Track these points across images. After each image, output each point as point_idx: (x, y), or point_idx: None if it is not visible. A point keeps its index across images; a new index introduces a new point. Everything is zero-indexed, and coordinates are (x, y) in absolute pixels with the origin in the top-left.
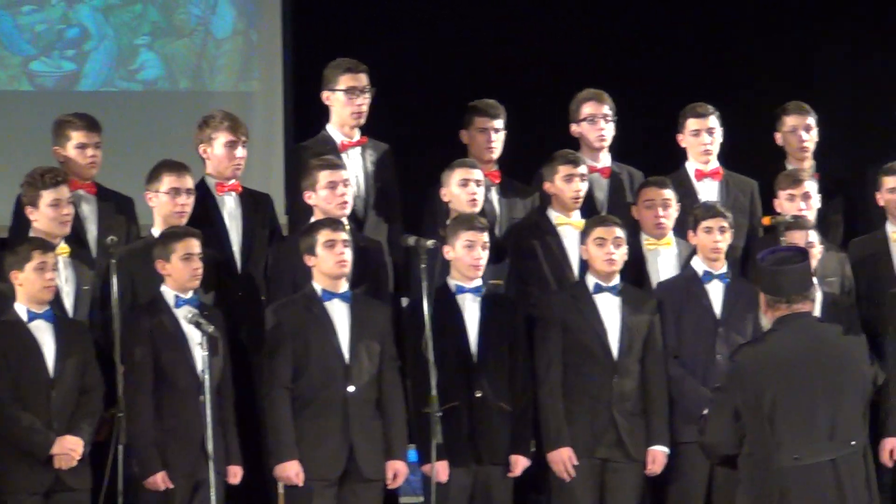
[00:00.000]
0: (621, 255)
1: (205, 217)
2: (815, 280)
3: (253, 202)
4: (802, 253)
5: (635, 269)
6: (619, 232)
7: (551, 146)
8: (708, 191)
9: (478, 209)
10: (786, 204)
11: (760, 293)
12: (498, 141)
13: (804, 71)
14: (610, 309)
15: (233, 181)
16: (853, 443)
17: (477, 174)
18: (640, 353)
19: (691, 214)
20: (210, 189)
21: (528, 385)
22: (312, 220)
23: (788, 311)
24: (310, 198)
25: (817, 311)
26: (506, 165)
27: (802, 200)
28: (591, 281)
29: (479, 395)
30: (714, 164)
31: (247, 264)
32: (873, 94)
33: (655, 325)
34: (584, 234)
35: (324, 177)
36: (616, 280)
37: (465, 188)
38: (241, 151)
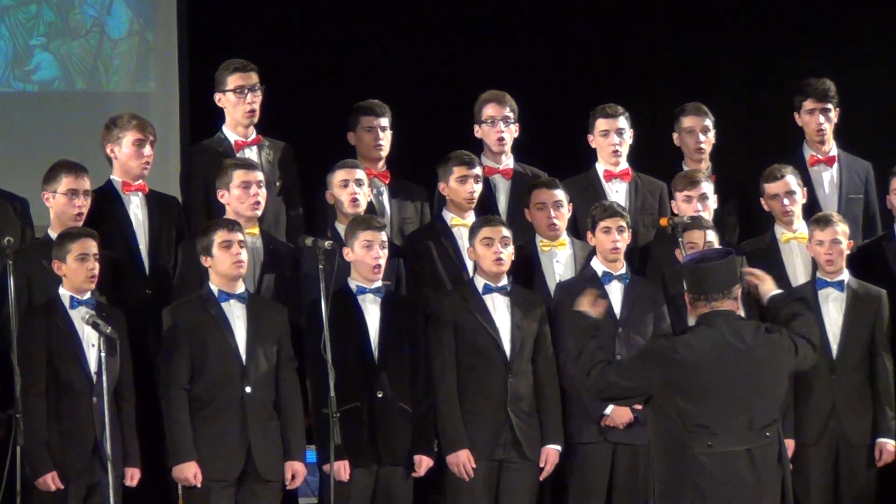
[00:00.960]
0: (508, 254)
1: (111, 217)
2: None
3: (159, 203)
4: (726, 254)
5: (527, 270)
6: (506, 231)
7: (456, 147)
8: (617, 191)
9: (360, 209)
10: (682, 205)
11: (685, 292)
12: (385, 139)
13: (703, 72)
14: (500, 309)
15: (139, 181)
16: (768, 434)
17: (358, 174)
18: (532, 353)
19: (589, 215)
20: (117, 189)
21: (429, 385)
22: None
23: (709, 310)
24: (222, 196)
25: None
26: (395, 165)
27: (699, 201)
28: (479, 281)
29: (380, 395)
30: (623, 164)
31: (155, 264)
32: (770, 97)
33: (544, 325)
34: (472, 235)
35: (238, 176)
36: (504, 280)
37: (346, 189)
38: (148, 150)
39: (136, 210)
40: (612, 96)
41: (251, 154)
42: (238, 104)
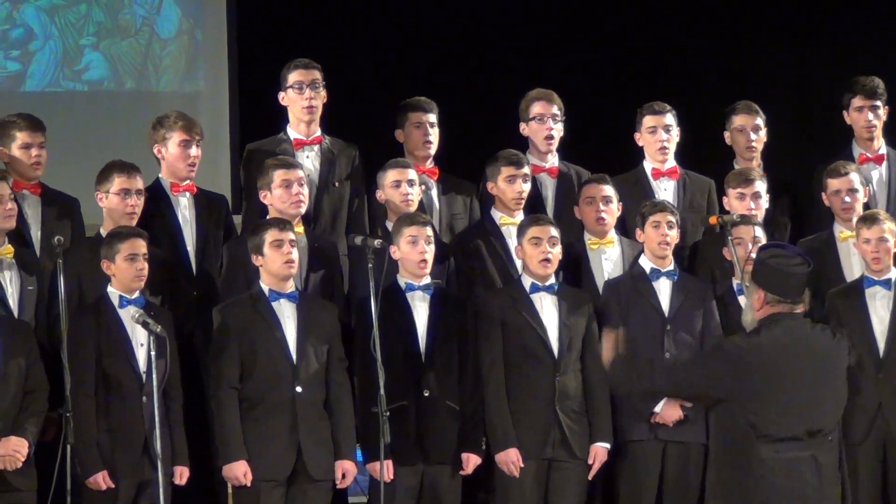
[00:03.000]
0: (556, 254)
1: (160, 218)
2: None
3: (207, 203)
4: (802, 257)
5: (577, 268)
6: (554, 231)
7: (501, 145)
8: (665, 189)
9: (412, 209)
10: (735, 203)
11: (758, 289)
12: (433, 136)
13: (752, 70)
14: (547, 308)
15: (187, 181)
16: (831, 438)
17: (410, 174)
18: (580, 352)
19: (639, 212)
20: (165, 190)
21: (477, 384)
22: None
23: (786, 310)
24: (265, 197)
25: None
26: (444, 162)
27: (752, 200)
28: (527, 280)
29: (427, 393)
30: (671, 162)
31: (202, 264)
32: (819, 95)
33: (593, 323)
34: (520, 234)
35: (278, 176)
36: (552, 279)
37: (398, 189)
38: (195, 150)
39: (184, 210)
40: (660, 95)
41: (311, 153)
42: (297, 100)
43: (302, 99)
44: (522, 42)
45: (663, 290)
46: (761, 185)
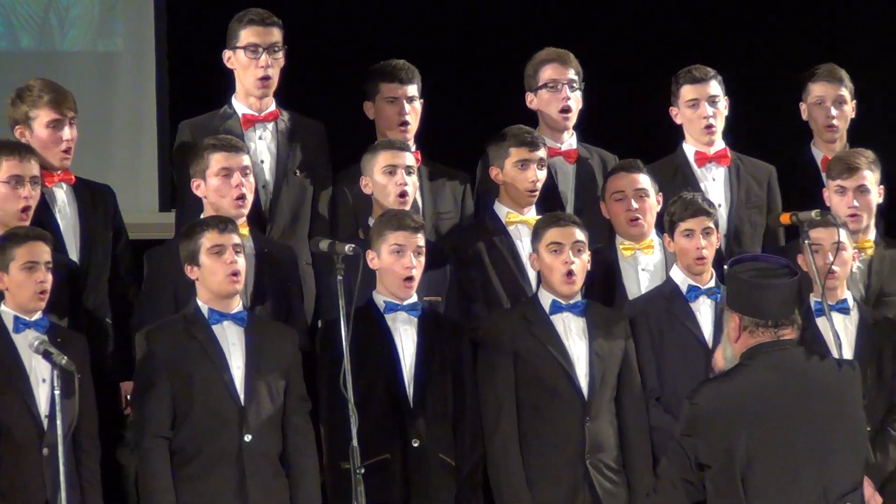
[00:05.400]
0: (582, 264)
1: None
2: (850, 297)
3: (90, 196)
4: (789, 267)
5: (606, 281)
6: (580, 234)
7: (497, 123)
8: (713, 179)
9: (409, 205)
10: (835, 198)
11: (732, 314)
12: (413, 113)
13: (828, 28)
14: (573, 333)
15: (62, 170)
16: (848, 502)
17: (408, 159)
18: (615, 390)
19: (666, 213)
20: None
21: (478, 431)
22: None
23: (772, 338)
24: (198, 188)
25: (851, 337)
26: (428, 145)
27: (856, 195)
28: (545, 298)
29: (416, 444)
30: (720, 143)
31: (91, 275)
32: None
33: (630, 353)
34: (535, 238)
35: (216, 161)
36: (578, 296)
37: (393, 177)
38: (68, 132)
39: (63, 207)
40: (702, 58)
41: (265, 133)
42: (249, 67)
43: (256, 66)
44: None
45: (704, 312)
46: (870, 176)
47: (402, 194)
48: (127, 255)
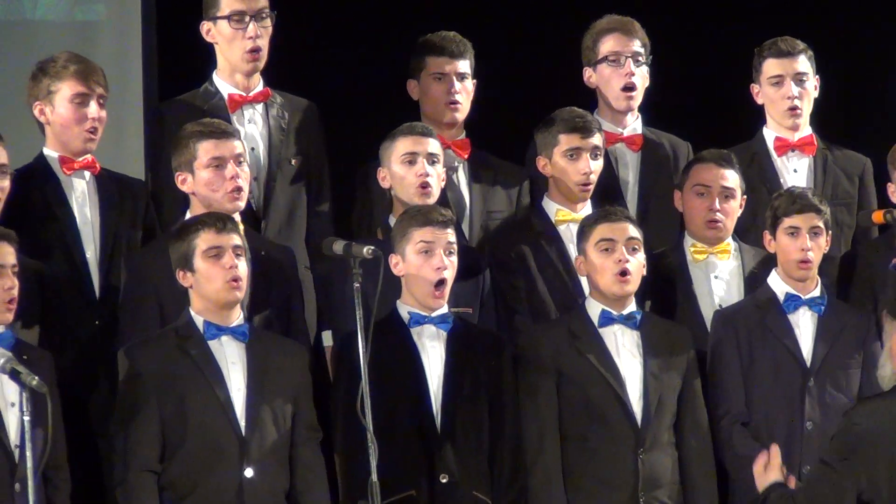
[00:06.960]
0: (637, 266)
1: (44, 210)
2: None
3: (117, 189)
4: None
5: (672, 289)
6: (633, 231)
7: (548, 105)
8: (796, 170)
9: (432, 199)
10: None
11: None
12: (464, 93)
13: None
14: (626, 349)
15: (86, 156)
16: None
17: (432, 145)
18: (675, 417)
19: (770, 207)
20: (52, 169)
21: (518, 464)
22: (189, 215)
23: None
24: (184, 182)
25: None
26: (479, 133)
27: None
28: (594, 307)
29: (444, 479)
30: (806, 129)
31: (107, 282)
32: None
33: (693, 373)
34: (581, 237)
35: (205, 150)
36: (633, 305)
37: (413, 167)
38: (95, 110)
39: (82, 199)
40: (791, 29)
41: (254, 116)
42: (235, 38)
43: (243, 37)
44: None
45: (804, 326)
46: None
47: (424, 185)
48: None
